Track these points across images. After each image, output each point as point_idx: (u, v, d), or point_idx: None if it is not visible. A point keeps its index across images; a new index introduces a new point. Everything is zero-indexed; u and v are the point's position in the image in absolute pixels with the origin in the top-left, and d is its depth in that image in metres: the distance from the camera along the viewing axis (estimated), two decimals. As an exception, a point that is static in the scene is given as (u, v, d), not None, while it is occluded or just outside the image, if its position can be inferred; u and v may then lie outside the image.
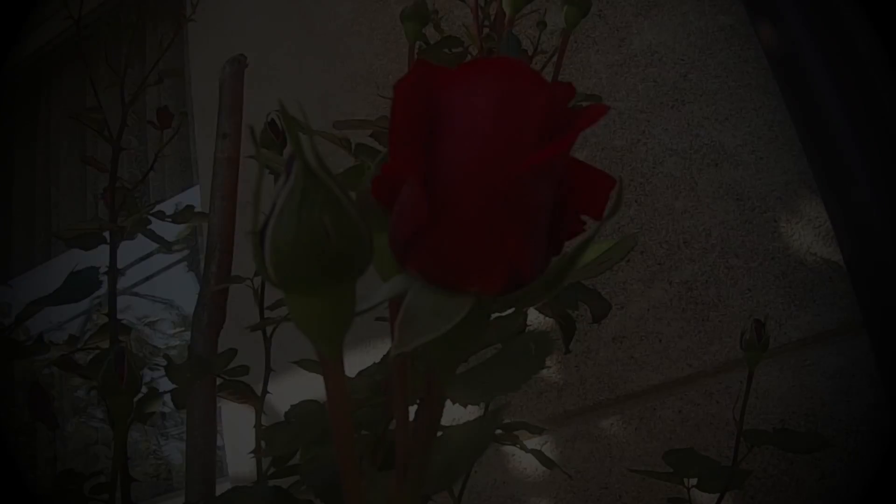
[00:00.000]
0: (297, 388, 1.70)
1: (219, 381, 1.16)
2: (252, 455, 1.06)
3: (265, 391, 1.06)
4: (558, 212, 0.29)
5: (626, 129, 1.66)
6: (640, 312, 1.58)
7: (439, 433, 0.37)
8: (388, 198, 0.29)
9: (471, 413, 0.73)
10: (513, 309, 0.65)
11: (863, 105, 1.35)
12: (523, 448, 1.10)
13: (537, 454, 1.15)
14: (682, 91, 1.62)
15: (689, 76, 1.62)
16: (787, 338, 1.44)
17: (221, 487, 1.24)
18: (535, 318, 1.41)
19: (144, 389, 1.06)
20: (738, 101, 1.56)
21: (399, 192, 0.29)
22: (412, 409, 0.37)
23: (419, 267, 0.29)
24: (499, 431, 1.06)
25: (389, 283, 0.30)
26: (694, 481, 1.01)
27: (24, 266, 3.00)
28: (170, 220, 1.32)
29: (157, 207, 1.34)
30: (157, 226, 1.32)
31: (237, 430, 1.96)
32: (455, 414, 0.65)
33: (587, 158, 1.68)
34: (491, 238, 0.28)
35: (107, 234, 1.23)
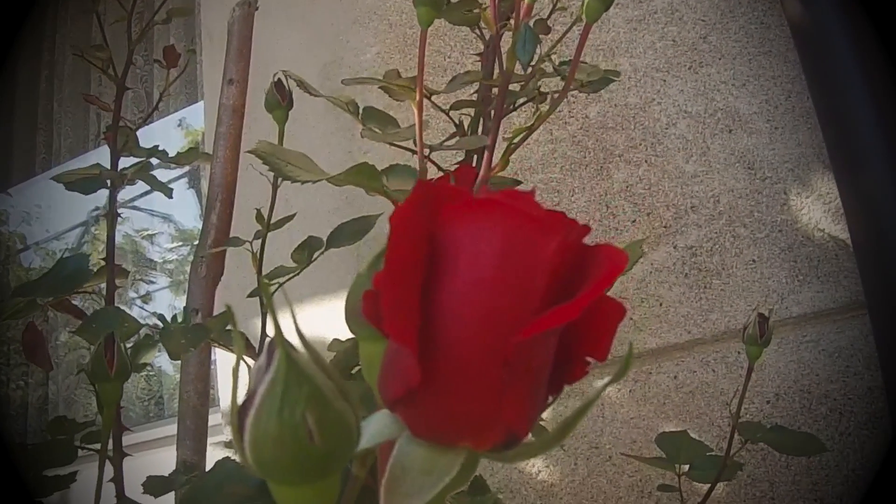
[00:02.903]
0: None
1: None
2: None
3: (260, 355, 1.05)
4: (562, 355, 0.27)
5: (640, 87, 1.63)
6: (643, 275, 1.56)
7: None
8: (380, 320, 0.27)
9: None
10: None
11: (884, 82, 1.32)
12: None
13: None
14: (700, 52, 1.58)
15: (709, 38, 1.58)
16: (787, 312, 1.43)
17: (213, 419, 1.25)
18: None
19: (139, 336, 1.06)
20: (756, 68, 1.53)
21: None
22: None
23: (408, 422, 0.28)
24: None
25: (378, 426, 0.28)
26: (686, 468, 1.01)
27: (24, 177, 2.99)
28: (172, 162, 1.30)
29: (160, 119, 1.31)
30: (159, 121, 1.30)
31: (232, 359, 1.96)
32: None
33: (599, 115, 1.65)
34: (487, 401, 0.26)
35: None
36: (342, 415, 0.27)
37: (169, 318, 1.04)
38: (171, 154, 1.30)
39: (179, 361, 1.06)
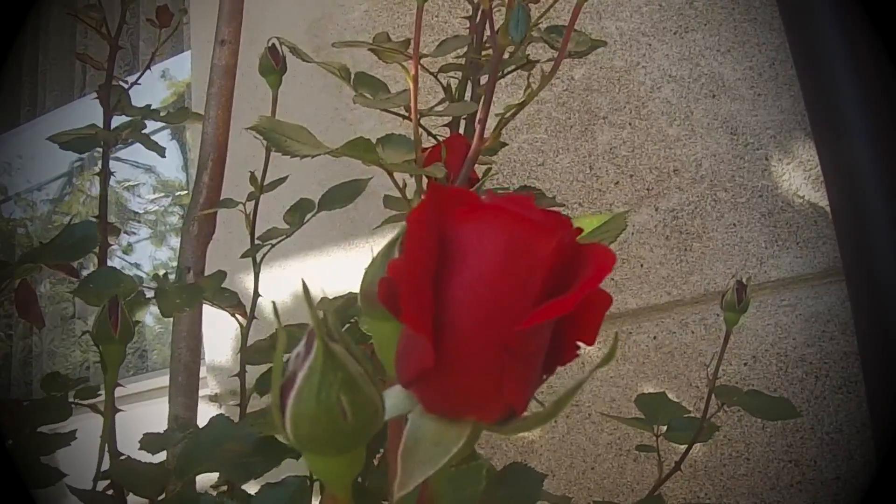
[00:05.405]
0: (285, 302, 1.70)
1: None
2: (234, 376, 1.08)
3: (252, 316, 1.08)
4: (555, 341, 0.31)
5: (626, 51, 1.64)
6: (625, 236, 1.59)
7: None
8: (396, 306, 0.30)
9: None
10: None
11: (866, 52, 1.34)
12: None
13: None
14: (686, 18, 1.60)
15: (696, 3, 1.60)
16: (766, 276, 1.46)
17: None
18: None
19: (132, 295, 1.08)
20: (742, 35, 1.55)
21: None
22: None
23: (422, 400, 0.32)
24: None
25: (394, 401, 0.32)
26: (664, 428, 1.04)
27: (8, 128, 2.99)
28: (164, 121, 1.31)
29: (145, 72, 1.32)
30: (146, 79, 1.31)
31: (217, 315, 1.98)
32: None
33: (585, 77, 1.67)
34: (491, 382, 0.30)
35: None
36: (371, 397, 0.31)
37: (150, 270, 1.06)
38: (161, 110, 1.31)
39: (164, 315, 1.07)
